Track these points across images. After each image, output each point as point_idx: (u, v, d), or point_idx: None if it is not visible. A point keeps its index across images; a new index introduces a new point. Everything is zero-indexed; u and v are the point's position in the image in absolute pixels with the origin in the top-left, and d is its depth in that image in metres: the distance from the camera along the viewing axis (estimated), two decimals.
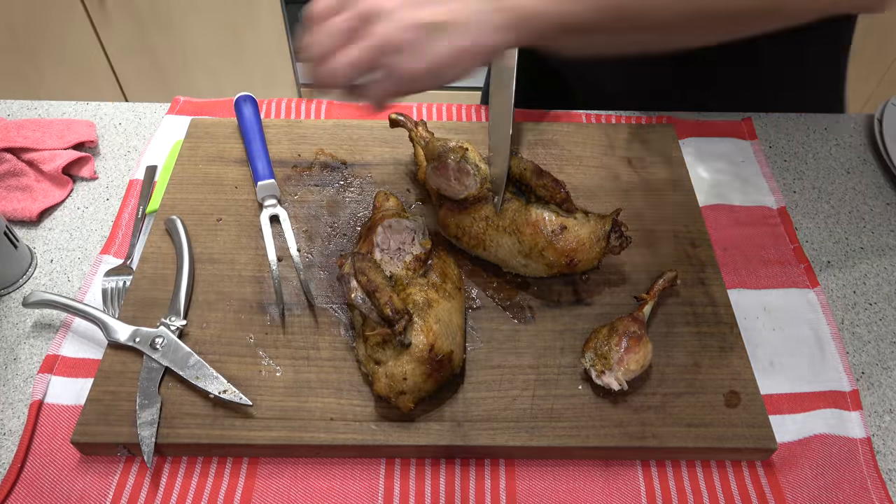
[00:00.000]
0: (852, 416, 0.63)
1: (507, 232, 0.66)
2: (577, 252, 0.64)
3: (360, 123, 0.84)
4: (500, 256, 0.67)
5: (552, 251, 0.64)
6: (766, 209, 0.79)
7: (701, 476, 0.59)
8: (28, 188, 0.79)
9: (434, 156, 0.69)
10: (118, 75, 2.04)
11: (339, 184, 0.78)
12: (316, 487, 0.58)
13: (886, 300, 0.73)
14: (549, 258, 0.64)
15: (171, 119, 0.88)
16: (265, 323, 0.66)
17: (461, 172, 0.67)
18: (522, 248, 0.65)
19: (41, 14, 1.85)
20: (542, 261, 0.65)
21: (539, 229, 0.64)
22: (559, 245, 0.63)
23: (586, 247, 0.64)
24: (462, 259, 0.71)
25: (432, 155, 0.69)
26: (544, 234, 0.63)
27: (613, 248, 0.65)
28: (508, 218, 0.65)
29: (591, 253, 0.64)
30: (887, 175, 0.85)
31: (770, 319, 0.70)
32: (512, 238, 0.65)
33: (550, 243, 0.63)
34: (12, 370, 0.66)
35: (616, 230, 0.65)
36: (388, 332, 0.57)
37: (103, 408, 0.60)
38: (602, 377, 0.59)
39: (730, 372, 0.63)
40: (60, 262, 0.74)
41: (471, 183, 0.67)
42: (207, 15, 1.88)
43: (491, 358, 0.64)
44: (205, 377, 0.61)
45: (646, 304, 0.65)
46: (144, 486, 0.58)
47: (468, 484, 0.58)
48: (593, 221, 0.64)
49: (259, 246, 0.72)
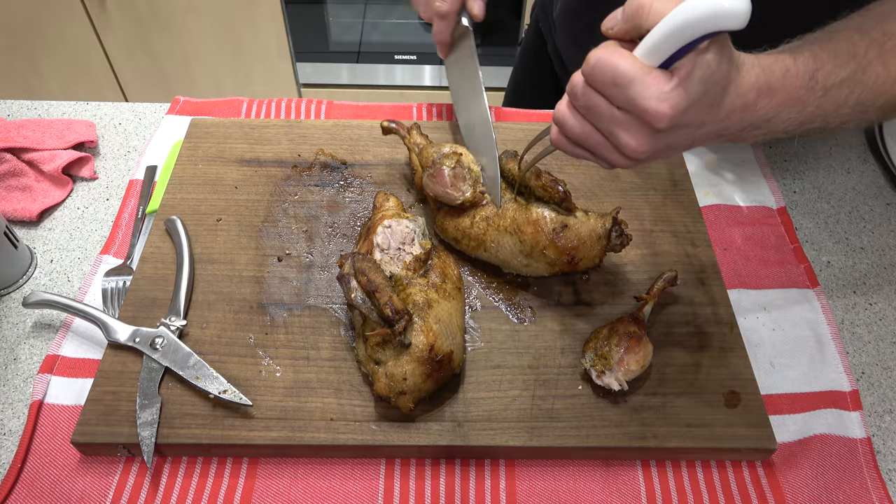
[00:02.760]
0: (852, 416, 0.63)
1: (507, 232, 0.66)
2: (579, 250, 0.64)
3: (359, 123, 0.84)
4: (501, 257, 0.67)
5: (553, 250, 0.64)
6: (766, 209, 0.79)
7: (701, 476, 0.59)
8: (28, 188, 0.79)
9: (428, 162, 0.69)
10: (118, 75, 2.04)
11: (339, 184, 0.78)
12: (316, 487, 0.58)
13: (886, 300, 0.73)
14: (550, 257, 0.64)
15: (171, 119, 0.88)
16: (265, 323, 0.66)
17: (456, 178, 0.67)
18: (524, 247, 0.65)
19: (41, 14, 1.85)
20: (544, 259, 0.65)
21: (540, 228, 0.64)
22: (560, 243, 0.63)
23: (587, 245, 0.64)
24: (462, 259, 0.71)
25: (427, 162, 0.69)
26: (545, 232, 0.63)
27: (614, 246, 0.65)
28: (509, 218, 0.65)
29: (593, 251, 0.64)
30: (887, 175, 0.85)
31: (770, 319, 0.70)
32: (513, 238, 0.65)
33: (552, 242, 0.63)
34: (12, 370, 0.66)
35: (616, 228, 0.65)
36: (388, 333, 0.57)
37: (103, 408, 0.60)
38: (602, 377, 0.59)
39: (730, 372, 0.63)
40: (60, 262, 0.74)
41: (466, 188, 0.67)
42: (207, 15, 1.88)
43: (491, 358, 0.64)
44: (205, 377, 0.61)
45: (646, 305, 0.65)
46: (144, 486, 0.58)
47: (468, 484, 0.58)
48: (594, 220, 0.64)
49: (259, 246, 0.72)
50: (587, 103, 0.49)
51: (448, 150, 0.69)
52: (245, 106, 0.90)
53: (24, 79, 2.02)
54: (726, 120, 0.48)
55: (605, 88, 0.47)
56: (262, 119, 0.86)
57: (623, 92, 0.46)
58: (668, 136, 0.48)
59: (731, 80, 0.46)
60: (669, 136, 0.48)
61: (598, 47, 0.48)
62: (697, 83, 0.45)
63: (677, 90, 0.45)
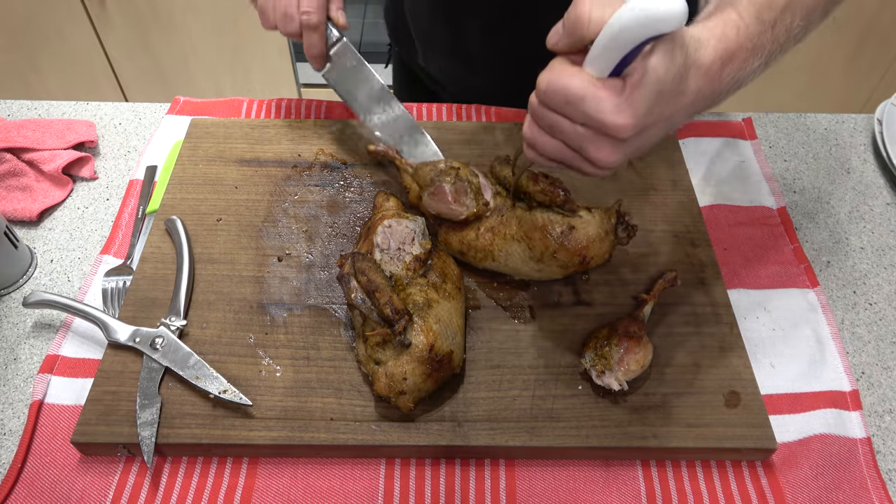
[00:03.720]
0: (852, 416, 0.63)
1: (515, 240, 0.65)
2: (589, 249, 0.63)
3: (360, 124, 0.84)
4: (511, 265, 0.67)
5: (564, 252, 0.63)
6: (766, 209, 0.79)
7: (701, 476, 0.59)
8: (28, 188, 0.79)
9: (426, 181, 0.68)
10: (118, 75, 2.04)
11: (339, 184, 0.78)
12: (316, 487, 0.58)
13: (886, 300, 0.73)
14: (562, 259, 0.64)
15: (171, 119, 0.88)
16: (265, 323, 0.66)
17: (458, 193, 0.66)
18: (533, 254, 0.65)
19: (41, 14, 1.85)
20: (555, 263, 0.64)
21: (548, 233, 0.63)
22: (570, 245, 0.63)
23: (597, 243, 0.64)
24: (466, 266, 0.70)
25: (424, 181, 0.68)
26: (553, 236, 0.63)
27: (622, 240, 0.65)
28: (514, 226, 0.65)
29: (603, 248, 0.64)
30: (887, 175, 0.85)
31: (770, 319, 0.70)
32: (521, 245, 0.65)
33: (562, 245, 0.63)
34: (12, 370, 0.66)
35: (622, 222, 0.65)
36: (388, 332, 0.57)
37: (103, 408, 0.60)
38: (602, 377, 0.59)
39: (730, 372, 0.63)
40: (60, 262, 0.74)
41: (469, 202, 0.66)
42: (207, 15, 1.88)
43: (491, 358, 0.64)
44: (205, 377, 0.61)
45: (646, 305, 0.65)
46: (144, 486, 0.58)
47: (468, 484, 0.58)
48: (598, 217, 0.64)
49: (259, 246, 0.72)
50: (550, 123, 0.48)
51: (444, 166, 0.67)
52: (245, 106, 0.90)
53: (23, 79, 2.01)
54: (696, 101, 0.48)
55: (561, 109, 0.46)
56: (262, 119, 0.86)
57: (578, 110, 0.45)
58: (638, 139, 0.47)
59: (688, 66, 0.45)
60: (638, 139, 0.47)
61: (547, 67, 0.47)
62: (651, 85, 0.44)
63: (631, 98, 0.44)
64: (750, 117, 0.89)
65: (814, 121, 0.91)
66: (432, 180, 0.67)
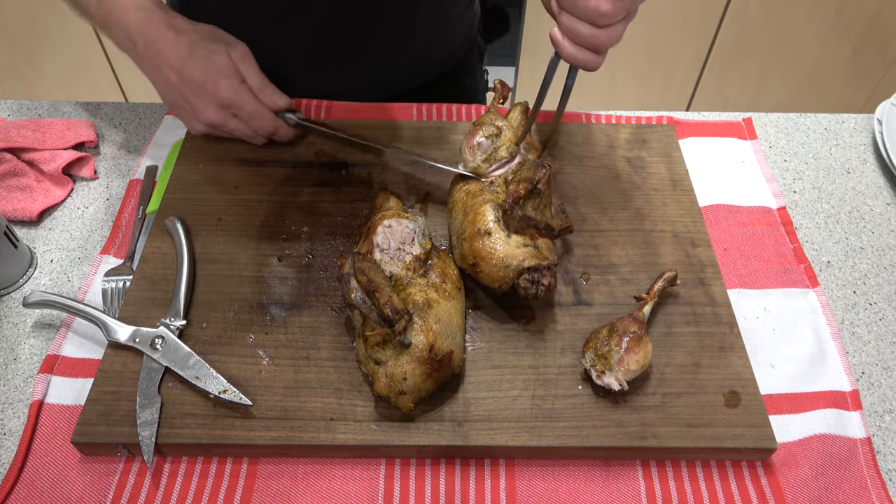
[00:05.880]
0: (852, 416, 0.63)
1: (463, 209, 0.67)
2: (483, 262, 0.63)
3: (360, 124, 0.84)
4: (452, 227, 0.69)
5: (467, 245, 0.64)
6: (766, 209, 0.79)
7: (701, 476, 0.59)
8: (28, 188, 0.79)
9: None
10: (118, 75, 2.04)
11: (339, 184, 0.78)
12: (316, 487, 0.58)
13: (886, 300, 0.73)
14: (463, 249, 0.65)
15: (171, 119, 0.88)
16: (265, 323, 0.66)
17: (480, 147, 0.71)
18: (460, 228, 0.66)
19: (41, 13, 1.85)
20: (459, 248, 0.66)
21: (476, 219, 0.64)
22: (474, 244, 0.63)
23: (491, 264, 0.62)
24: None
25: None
26: (474, 226, 0.64)
27: (527, 289, 0.62)
28: (479, 198, 0.67)
29: (494, 272, 0.62)
30: (887, 175, 0.85)
31: (770, 319, 0.70)
32: (464, 217, 0.66)
33: (471, 238, 0.64)
34: (12, 370, 0.66)
35: (533, 275, 0.61)
36: (388, 332, 0.57)
37: (103, 408, 0.60)
38: (602, 377, 0.59)
39: (730, 372, 0.63)
40: (60, 262, 0.74)
41: (478, 157, 0.70)
42: None
43: (491, 358, 0.64)
44: (205, 377, 0.61)
45: (646, 304, 0.65)
46: (144, 486, 0.58)
47: (468, 484, 0.58)
48: (520, 251, 0.62)
49: (259, 246, 0.72)
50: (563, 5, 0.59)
51: (501, 123, 0.71)
52: None
53: (23, 79, 2.01)
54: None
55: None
56: None
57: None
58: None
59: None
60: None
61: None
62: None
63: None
64: (750, 117, 0.90)
65: (814, 121, 0.91)
66: (480, 121, 0.73)
